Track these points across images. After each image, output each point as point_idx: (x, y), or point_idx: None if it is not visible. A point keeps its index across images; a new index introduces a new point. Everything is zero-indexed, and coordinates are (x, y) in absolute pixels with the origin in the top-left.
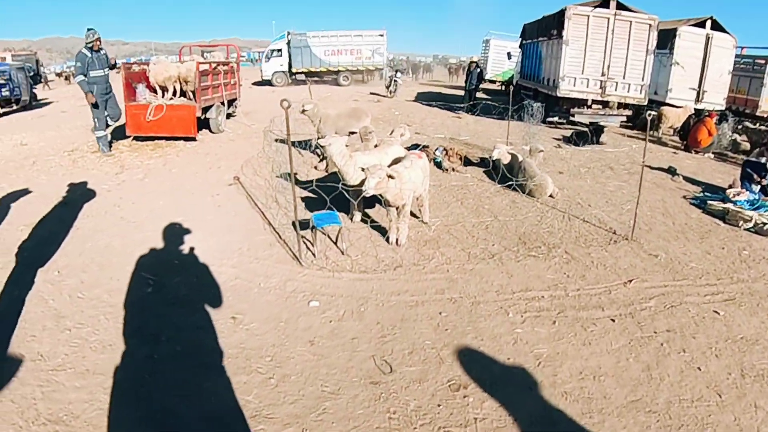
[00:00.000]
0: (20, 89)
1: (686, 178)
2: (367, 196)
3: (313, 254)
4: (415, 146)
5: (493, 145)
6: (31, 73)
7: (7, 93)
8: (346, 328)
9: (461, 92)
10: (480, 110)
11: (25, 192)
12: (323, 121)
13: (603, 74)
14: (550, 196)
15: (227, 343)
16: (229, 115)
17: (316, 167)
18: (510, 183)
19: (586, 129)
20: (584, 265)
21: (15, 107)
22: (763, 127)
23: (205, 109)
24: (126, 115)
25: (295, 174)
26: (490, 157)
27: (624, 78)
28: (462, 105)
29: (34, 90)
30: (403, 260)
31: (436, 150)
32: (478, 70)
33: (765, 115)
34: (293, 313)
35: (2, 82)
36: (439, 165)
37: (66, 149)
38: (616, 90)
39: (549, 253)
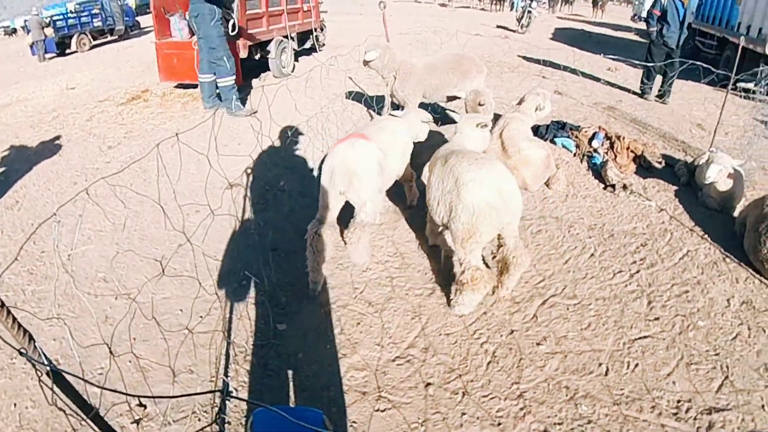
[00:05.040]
0: (114, 19)
1: None
2: None
3: None
4: (558, 125)
5: (687, 140)
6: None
7: (100, 23)
8: None
9: (610, 32)
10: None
11: None
12: (402, 78)
13: None
14: None
15: None
16: (309, 51)
17: None
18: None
19: None
20: None
21: (109, 37)
22: None
23: (262, 46)
24: (157, 56)
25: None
26: (687, 165)
27: None
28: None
29: (136, 18)
30: None
31: (592, 138)
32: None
33: None
34: None
35: (95, 12)
36: (597, 170)
37: (101, 98)
38: None
39: None
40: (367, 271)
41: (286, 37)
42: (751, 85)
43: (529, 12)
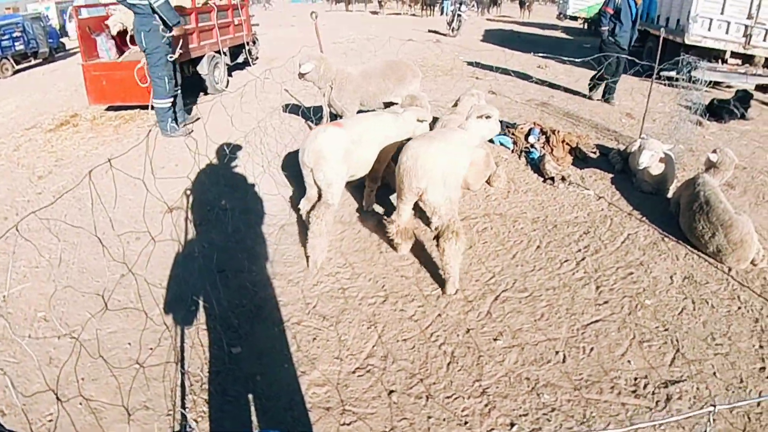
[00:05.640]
0: (37, 41)
1: None
2: None
3: None
4: None
5: (618, 129)
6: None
7: (22, 47)
8: None
9: (538, 31)
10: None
11: None
12: (339, 87)
13: (750, 17)
14: (752, 262)
15: None
16: (242, 65)
17: None
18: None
19: (729, 97)
20: None
21: (33, 61)
22: None
23: (194, 62)
24: (85, 79)
25: None
26: (620, 152)
27: None
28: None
29: (61, 40)
30: None
31: (529, 134)
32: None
33: None
34: None
35: (16, 35)
36: (535, 164)
37: (28, 125)
38: (765, 41)
39: None
40: (318, 285)
41: (219, 52)
42: (673, 74)
43: (459, 15)
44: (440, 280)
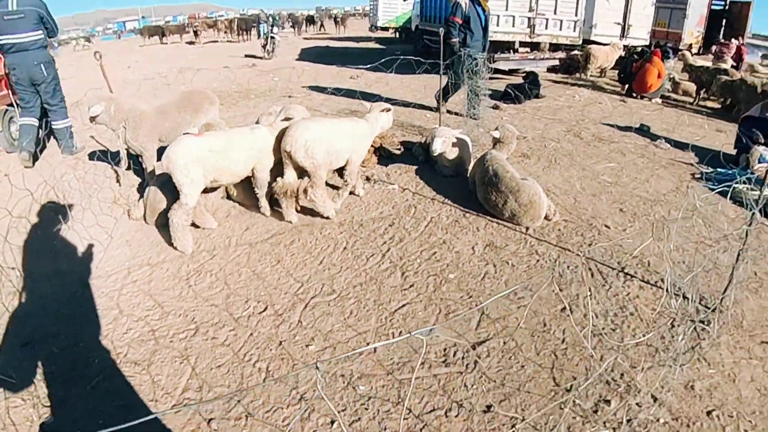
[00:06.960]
0: None
1: (666, 140)
2: None
3: None
4: None
5: (422, 124)
6: None
7: None
8: None
9: (353, 44)
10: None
11: None
12: (133, 126)
13: (531, 10)
14: (546, 218)
15: None
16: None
17: (129, 213)
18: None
19: (521, 81)
20: None
21: None
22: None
23: None
24: None
25: None
26: (422, 144)
27: (555, 14)
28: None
29: None
30: None
31: None
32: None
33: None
34: None
35: None
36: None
37: None
38: (546, 29)
39: None
40: (128, 332)
41: (12, 104)
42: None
43: (272, 38)
44: (251, 301)
